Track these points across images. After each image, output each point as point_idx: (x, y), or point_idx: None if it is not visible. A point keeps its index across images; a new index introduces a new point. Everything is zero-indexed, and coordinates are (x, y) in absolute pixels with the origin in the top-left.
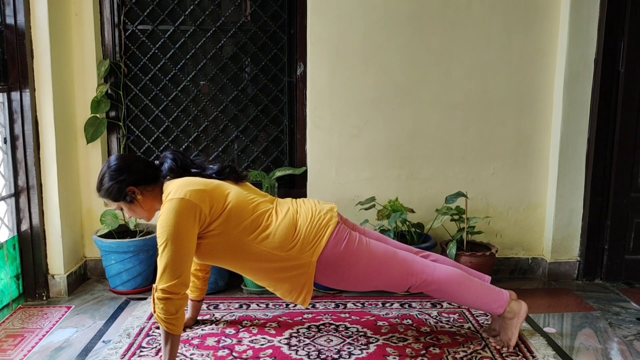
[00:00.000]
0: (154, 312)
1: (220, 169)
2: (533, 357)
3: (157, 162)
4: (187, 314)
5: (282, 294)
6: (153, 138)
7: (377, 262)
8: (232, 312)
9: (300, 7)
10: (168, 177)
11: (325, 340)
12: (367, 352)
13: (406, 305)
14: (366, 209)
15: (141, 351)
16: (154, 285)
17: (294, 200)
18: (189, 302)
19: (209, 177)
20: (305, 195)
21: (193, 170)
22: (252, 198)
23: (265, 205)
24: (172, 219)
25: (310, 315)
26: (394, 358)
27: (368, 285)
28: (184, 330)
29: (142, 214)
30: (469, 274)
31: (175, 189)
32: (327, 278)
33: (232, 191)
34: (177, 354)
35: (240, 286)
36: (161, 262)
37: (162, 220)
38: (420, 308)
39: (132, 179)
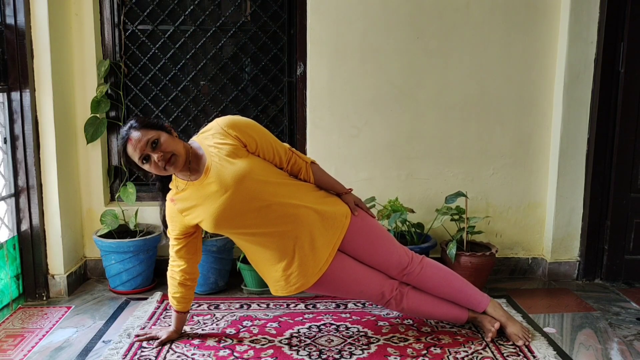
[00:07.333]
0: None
1: None
2: (534, 357)
3: None
4: (171, 327)
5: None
6: None
7: (385, 231)
8: (232, 312)
9: (300, 7)
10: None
11: (326, 341)
12: (368, 352)
13: None
14: None
15: (142, 351)
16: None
17: None
18: (173, 314)
19: None
20: None
21: None
22: None
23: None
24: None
25: (311, 315)
26: (395, 358)
27: (382, 240)
28: (166, 344)
29: (180, 151)
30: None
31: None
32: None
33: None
34: (178, 354)
35: (241, 286)
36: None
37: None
38: None
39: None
